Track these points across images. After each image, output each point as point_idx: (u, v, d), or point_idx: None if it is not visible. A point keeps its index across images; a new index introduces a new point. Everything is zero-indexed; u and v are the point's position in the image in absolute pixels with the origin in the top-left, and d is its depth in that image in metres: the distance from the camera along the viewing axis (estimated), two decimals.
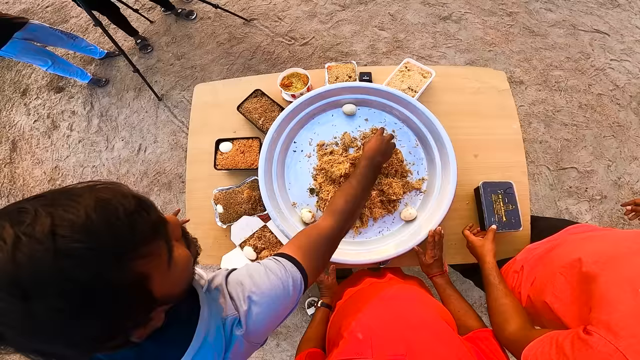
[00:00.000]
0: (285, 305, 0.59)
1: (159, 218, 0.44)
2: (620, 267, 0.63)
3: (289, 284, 0.59)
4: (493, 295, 0.86)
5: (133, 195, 0.42)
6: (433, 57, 2.54)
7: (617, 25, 2.52)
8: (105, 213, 0.37)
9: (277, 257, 0.63)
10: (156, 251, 0.41)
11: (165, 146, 2.54)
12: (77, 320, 0.35)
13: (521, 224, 1.08)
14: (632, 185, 2.13)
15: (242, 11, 2.82)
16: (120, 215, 0.38)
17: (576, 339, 0.56)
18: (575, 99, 2.34)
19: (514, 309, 0.80)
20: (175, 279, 0.46)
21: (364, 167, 0.87)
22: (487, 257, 0.95)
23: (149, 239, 0.40)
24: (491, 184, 1.11)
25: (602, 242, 0.79)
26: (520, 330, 0.73)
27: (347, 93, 1.18)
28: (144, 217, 0.41)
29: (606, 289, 0.60)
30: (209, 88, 1.40)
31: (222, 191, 1.20)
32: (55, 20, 3.12)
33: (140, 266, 0.38)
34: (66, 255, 0.34)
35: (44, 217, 0.34)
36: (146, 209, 0.42)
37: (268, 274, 0.59)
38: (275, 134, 1.13)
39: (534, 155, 2.23)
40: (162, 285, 0.42)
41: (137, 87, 2.72)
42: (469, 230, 1.09)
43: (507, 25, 2.58)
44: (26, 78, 2.97)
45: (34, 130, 2.79)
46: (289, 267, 0.61)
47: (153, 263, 0.41)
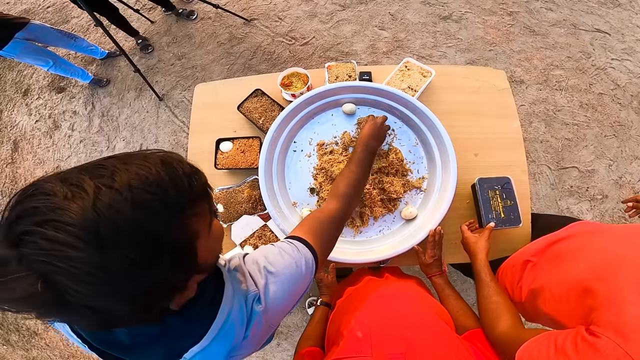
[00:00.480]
0: (300, 284, 0.61)
1: (206, 183, 0.47)
2: (629, 268, 0.61)
3: (302, 264, 0.61)
4: (484, 293, 0.85)
5: (187, 161, 0.45)
6: (433, 57, 2.54)
7: (618, 24, 2.52)
8: (170, 172, 0.40)
9: (290, 239, 0.66)
10: (204, 212, 0.45)
11: (166, 146, 2.54)
12: (144, 270, 0.37)
13: (521, 220, 1.06)
14: (633, 185, 2.13)
15: (242, 11, 2.82)
16: (181, 175, 0.41)
17: (580, 341, 0.53)
18: (576, 99, 2.34)
19: (505, 308, 0.78)
20: (212, 246, 0.49)
21: (361, 152, 0.90)
22: (479, 254, 0.94)
23: (201, 198, 0.44)
24: (488, 179, 1.10)
25: (608, 241, 0.76)
26: (511, 329, 0.72)
27: (347, 92, 1.18)
28: (197, 179, 0.44)
29: (614, 289, 0.58)
30: (209, 88, 1.40)
31: (223, 190, 1.20)
32: (56, 21, 3.13)
33: (194, 223, 0.42)
34: (142, 206, 0.36)
35: (122, 172, 0.37)
36: (198, 174, 0.45)
37: (282, 254, 0.61)
38: (275, 133, 1.13)
39: (534, 154, 2.23)
40: (203, 249, 0.45)
41: (138, 87, 2.73)
42: (468, 226, 1.08)
43: (508, 25, 2.57)
44: (28, 78, 2.98)
45: (35, 131, 2.80)
46: (301, 248, 0.63)
47: (201, 223, 0.44)
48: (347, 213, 0.79)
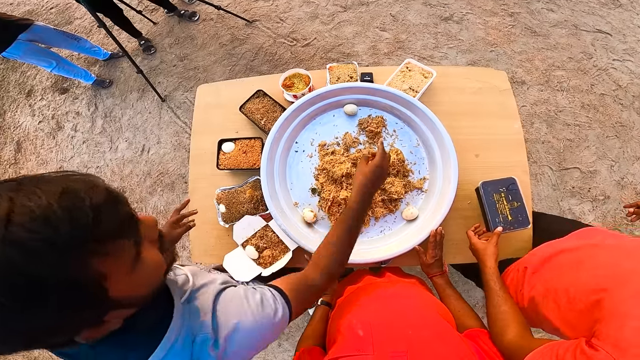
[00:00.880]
0: (269, 336, 0.60)
1: (129, 216, 0.42)
2: (634, 281, 0.61)
3: (278, 316, 0.60)
4: (493, 302, 0.84)
5: (106, 188, 0.40)
6: (435, 58, 2.54)
7: (619, 25, 2.51)
8: (69, 204, 0.35)
9: (273, 290, 0.65)
10: (120, 250, 0.39)
11: (169, 147, 2.55)
12: (17, 315, 0.33)
13: (529, 221, 1.03)
14: (635, 186, 2.12)
15: (244, 12, 2.84)
16: (85, 207, 0.36)
17: (579, 354, 0.54)
18: (578, 99, 2.33)
19: (513, 317, 0.79)
20: (138, 283, 0.43)
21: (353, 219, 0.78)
22: (488, 261, 0.92)
23: (113, 236, 0.38)
24: (492, 182, 1.07)
25: (613, 253, 0.76)
26: (518, 338, 0.72)
27: (349, 93, 1.19)
28: (112, 212, 0.38)
29: (618, 303, 0.58)
30: (211, 89, 1.41)
31: (225, 191, 1.21)
32: (59, 22, 3.15)
33: (97, 264, 0.36)
34: (17, 245, 0.32)
35: (4, 202, 0.33)
36: (116, 204, 0.40)
37: (264, 303, 0.60)
38: (277, 134, 1.14)
39: (536, 155, 2.23)
40: (120, 287, 0.40)
41: (141, 88, 2.74)
42: (474, 231, 1.06)
43: (509, 26, 2.57)
44: (31, 79, 3.00)
45: (38, 131, 2.81)
46: (282, 302, 0.63)
47: (114, 262, 0.38)
48: (328, 286, 0.77)
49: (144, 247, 0.44)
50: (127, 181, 2.54)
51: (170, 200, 2.43)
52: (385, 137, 1.21)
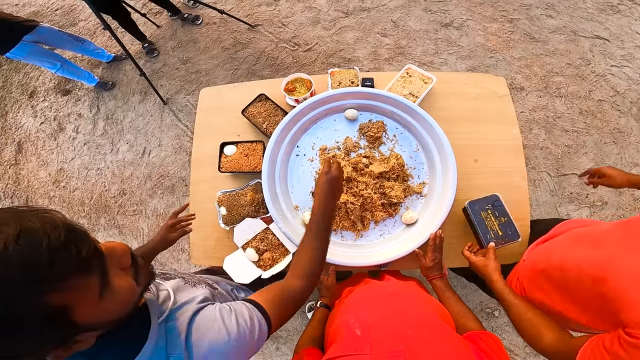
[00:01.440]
0: (247, 351, 0.60)
1: (92, 251, 0.43)
2: (624, 265, 0.63)
3: (255, 334, 0.61)
4: (515, 313, 0.84)
5: (66, 226, 0.41)
6: (435, 64, 2.57)
7: (618, 31, 2.54)
8: (25, 246, 0.36)
9: (249, 305, 0.66)
10: (82, 284, 0.41)
11: (170, 150, 2.57)
12: None
13: (519, 234, 1.06)
14: (633, 192, 2.13)
15: (247, 17, 2.86)
16: (41, 248, 0.37)
17: (626, 345, 0.56)
18: (576, 105, 2.35)
19: (541, 321, 0.79)
20: (108, 308, 0.45)
21: (320, 221, 0.84)
22: (493, 276, 0.93)
23: (74, 273, 0.40)
24: (477, 201, 1.11)
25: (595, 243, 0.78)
26: (558, 341, 0.73)
27: (350, 98, 1.21)
28: (71, 251, 0.39)
29: (623, 289, 0.60)
30: (214, 92, 1.43)
31: (226, 193, 1.22)
32: (64, 24, 3.18)
33: (56, 299, 0.38)
34: None
35: None
36: (76, 243, 0.41)
37: (239, 322, 0.60)
38: (278, 137, 1.15)
39: (534, 161, 2.24)
40: (88, 315, 0.42)
41: (143, 91, 2.76)
42: (469, 250, 1.07)
43: (508, 32, 2.60)
44: (34, 80, 3.02)
45: (40, 132, 2.83)
46: (259, 316, 0.64)
47: (76, 296, 0.40)
48: (309, 290, 0.78)
49: (112, 275, 0.46)
50: (128, 183, 2.55)
51: (170, 203, 2.44)
52: (386, 142, 1.22)
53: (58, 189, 2.64)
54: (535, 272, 0.92)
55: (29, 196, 2.66)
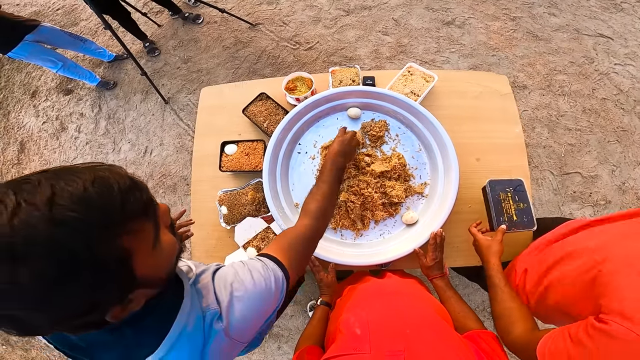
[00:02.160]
0: (268, 302, 0.61)
1: (150, 200, 0.46)
2: (619, 252, 0.63)
3: (271, 282, 0.62)
4: (498, 298, 0.84)
5: (129, 176, 0.44)
6: (436, 62, 2.55)
7: (621, 29, 2.52)
8: (101, 188, 0.39)
9: (260, 257, 0.67)
10: (143, 229, 0.44)
11: (171, 149, 2.57)
12: (59, 286, 0.36)
13: (534, 223, 1.01)
14: (636, 190, 2.12)
15: (247, 16, 2.86)
16: (114, 191, 0.40)
17: (592, 329, 0.55)
18: (579, 104, 2.34)
19: (519, 312, 0.79)
20: (158, 262, 0.48)
21: (329, 170, 0.90)
22: (491, 258, 0.92)
23: (138, 216, 0.43)
24: (499, 181, 1.05)
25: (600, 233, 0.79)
26: (526, 332, 0.73)
27: (352, 97, 1.20)
28: (136, 196, 0.43)
29: (610, 276, 0.60)
30: (215, 91, 1.42)
31: (227, 192, 1.22)
32: (65, 23, 3.18)
33: (126, 241, 0.40)
34: (59, 223, 0.36)
35: (46, 187, 0.37)
36: (139, 190, 0.44)
37: (252, 272, 0.61)
38: (280, 135, 1.15)
39: (537, 160, 2.23)
40: (144, 266, 0.44)
41: (145, 90, 2.76)
42: (476, 227, 1.05)
43: (511, 30, 2.59)
44: (36, 80, 3.02)
45: (42, 132, 2.84)
46: (272, 265, 0.65)
47: (139, 241, 0.43)
48: (319, 229, 0.79)
49: (161, 230, 0.49)
50: None
51: (172, 202, 2.44)
52: (388, 141, 1.21)
53: None
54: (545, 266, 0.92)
55: None
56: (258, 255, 0.68)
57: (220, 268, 0.64)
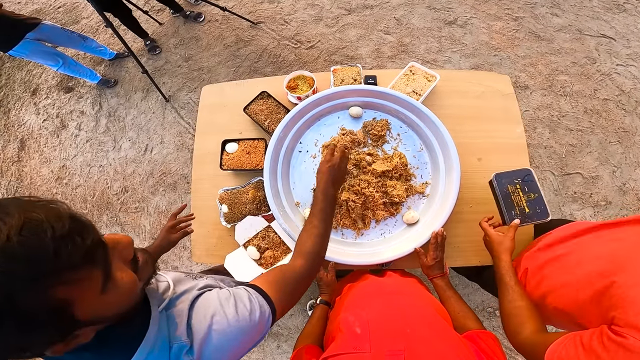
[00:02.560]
0: (250, 335, 0.59)
1: (96, 243, 0.42)
2: (637, 264, 0.62)
3: (256, 316, 0.59)
4: (508, 298, 0.83)
5: (70, 216, 0.40)
6: (438, 62, 2.55)
7: (624, 30, 2.51)
8: (29, 236, 0.36)
9: (249, 288, 0.64)
10: (86, 278, 0.40)
11: (172, 147, 2.57)
12: None
13: (548, 213, 0.97)
14: (637, 192, 2.11)
15: (249, 14, 2.85)
16: (45, 239, 0.36)
17: (607, 341, 0.54)
18: (581, 104, 2.33)
19: (529, 313, 0.78)
20: (110, 303, 0.44)
21: (321, 203, 0.87)
22: (503, 255, 0.90)
23: (78, 265, 0.39)
24: (506, 173, 1.01)
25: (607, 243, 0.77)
26: (535, 334, 0.72)
27: (353, 96, 1.20)
28: (76, 242, 0.39)
29: (627, 288, 0.59)
30: (216, 89, 1.42)
31: (227, 191, 1.21)
32: (66, 21, 3.18)
33: (61, 292, 0.37)
34: None
35: None
36: (81, 234, 0.40)
37: (237, 304, 0.59)
38: (281, 133, 1.15)
39: (538, 160, 2.23)
40: (90, 309, 0.41)
41: (145, 88, 2.76)
42: (488, 222, 1.02)
43: (513, 30, 2.58)
44: (36, 78, 3.02)
45: (42, 130, 2.83)
46: (259, 300, 0.62)
47: (80, 289, 0.39)
48: (313, 269, 0.78)
49: (116, 268, 0.45)
50: (130, 180, 2.55)
51: (172, 200, 2.44)
52: (390, 141, 1.21)
53: (60, 186, 2.65)
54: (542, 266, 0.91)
55: (31, 193, 2.67)
56: (248, 285, 0.66)
57: (203, 295, 0.61)
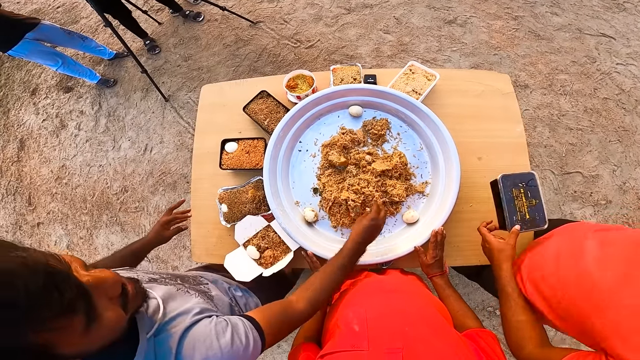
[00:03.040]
0: None
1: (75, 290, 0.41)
2: (629, 292, 0.60)
3: (249, 350, 0.60)
4: (511, 310, 0.81)
5: (48, 270, 0.39)
6: (438, 61, 2.54)
7: (623, 29, 2.51)
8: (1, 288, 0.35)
9: (246, 322, 0.65)
10: (67, 325, 0.40)
11: (171, 147, 2.56)
12: None
13: (546, 221, 0.94)
14: (637, 190, 2.11)
15: (248, 14, 2.85)
16: (18, 295, 0.36)
17: None
18: (581, 103, 2.33)
19: (531, 327, 0.76)
20: (94, 340, 0.44)
21: (349, 257, 0.86)
22: (504, 263, 0.87)
23: (56, 316, 0.39)
24: (511, 176, 0.96)
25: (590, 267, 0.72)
26: (538, 348, 0.71)
27: (353, 95, 1.20)
28: (53, 296, 0.38)
29: (617, 317, 0.58)
30: (215, 89, 1.42)
31: (227, 191, 1.21)
32: (65, 21, 3.18)
33: (40, 338, 0.37)
34: None
35: None
36: (58, 287, 0.39)
37: (234, 337, 0.59)
38: (281, 132, 1.15)
39: (538, 159, 2.23)
40: (73, 348, 0.41)
41: (145, 88, 2.76)
42: (486, 227, 0.98)
43: (513, 29, 2.57)
44: (36, 78, 3.02)
45: (42, 130, 2.83)
46: (255, 335, 0.63)
47: (60, 334, 0.39)
48: (312, 315, 0.78)
49: (102, 308, 0.44)
50: (129, 180, 2.55)
51: (172, 200, 2.44)
52: (389, 140, 1.21)
53: (60, 186, 2.65)
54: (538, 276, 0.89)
55: (31, 193, 2.67)
56: (246, 317, 0.67)
57: (199, 323, 0.60)
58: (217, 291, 0.89)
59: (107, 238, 2.45)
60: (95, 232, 2.49)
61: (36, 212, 2.63)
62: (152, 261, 2.34)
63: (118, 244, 2.42)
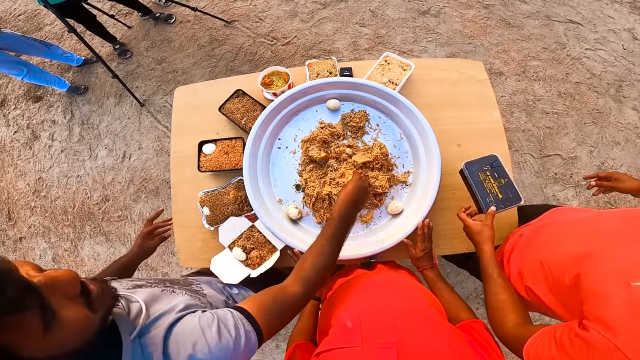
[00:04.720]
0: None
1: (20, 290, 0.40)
2: (608, 258, 0.61)
3: (240, 344, 0.57)
4: (491, 290, 0.82)
5: None
6: (414, 52, 2.56)
7: (590, 15, 2.58)
8: None
9: (235, 313, 0.62)
10: (18, 323, 0.39)
11: (151, 152, 2.50)
12: None
13: (520, 197, 0.98)
14: (616, 169, 2.18)
15: (222, 13, 2.80)
16: None
17: (574, 336, 0.54)
18: (554, 88, 2.39)
19: (512, 304, 0.77)
20: (60, 341, 0.43)
21: (337, 226, 0.80)
22: (484, 245, 0.88)
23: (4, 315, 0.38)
24: (475, 162, 1.02)
25: (586, 229, 0.77)
26: (517, 326, 0.72)
27: (330, 88, 1.19)
28: None
29: (595, 281, 0.58)
30: (189, 90, 1.38)
31: (208, 193, 1.18)
32: (28, 29, 3.04)
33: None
34: None
35: None
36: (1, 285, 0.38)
37: (221, 330, 0.57)
38: (259, 131, 1.13)
39: (517, 144, 2.27)
40: (38, 349, 0.40)
41: (118, 94, 2.67)
42: (465, 212, 1.00)
43: (484, 18, 2.62)
44: (3, 88, 2.89)
45: (14, 142, 2.71)
46: (246, 325, 0.60)
47: (15, 333, 0.38)
48: (308, 297, 0.74)
49: (58, 307, 0.43)
50: (110, 189, 2.47)
51: (156, 206, 2.38)
52: (369, 131, 1.20)
53: (39, 199, 2.55)
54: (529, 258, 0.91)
55: (10, 208, 2.56)
56: (235, 308, 0.63)
57: (182, 319, 0.58)
58: (211, 290, 0.86)
59: (92, 249, 2.37)
60: (80, 244, 2.40)
61: (17, 227, 2.52)
62: (141, 269, 2.28)
63: (104, 254, 2.35)
